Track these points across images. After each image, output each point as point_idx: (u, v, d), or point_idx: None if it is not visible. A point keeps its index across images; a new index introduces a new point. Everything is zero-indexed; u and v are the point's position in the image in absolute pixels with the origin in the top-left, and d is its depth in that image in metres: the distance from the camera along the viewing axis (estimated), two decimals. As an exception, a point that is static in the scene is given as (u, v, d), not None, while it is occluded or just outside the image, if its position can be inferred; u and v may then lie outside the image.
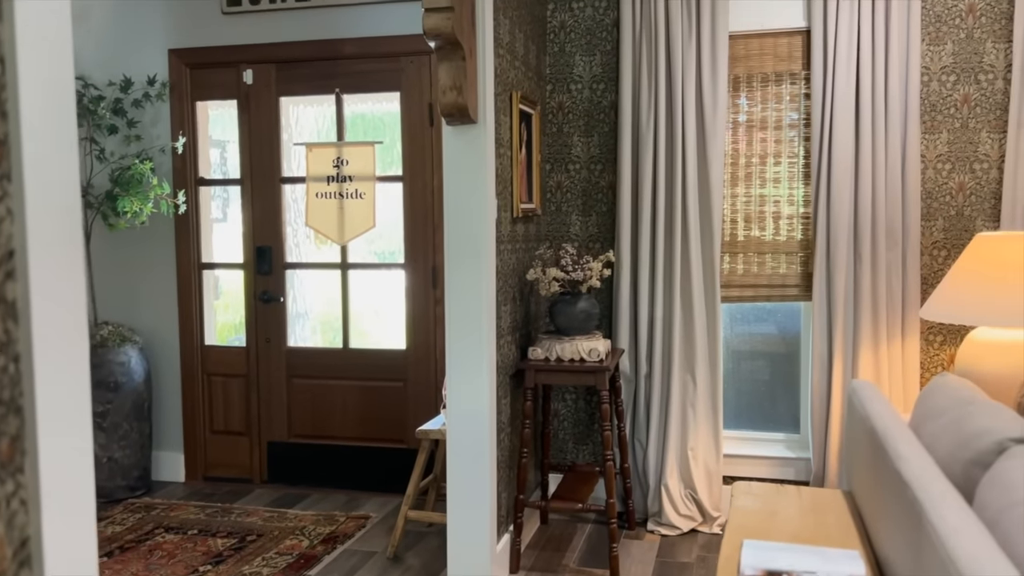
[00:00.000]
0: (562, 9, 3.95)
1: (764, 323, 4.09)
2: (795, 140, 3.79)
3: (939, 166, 3.61)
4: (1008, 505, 1.60)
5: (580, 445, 4.09)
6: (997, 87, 3.53)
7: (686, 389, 3.80)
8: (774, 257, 3.85)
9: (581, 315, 3.48)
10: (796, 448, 3.93)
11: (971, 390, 2.33)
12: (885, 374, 3.59)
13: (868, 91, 3.52)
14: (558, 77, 3.99)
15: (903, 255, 3.57)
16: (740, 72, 3.81)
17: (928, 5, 3.57)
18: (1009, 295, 2.86)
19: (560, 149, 4.02)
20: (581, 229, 4.02)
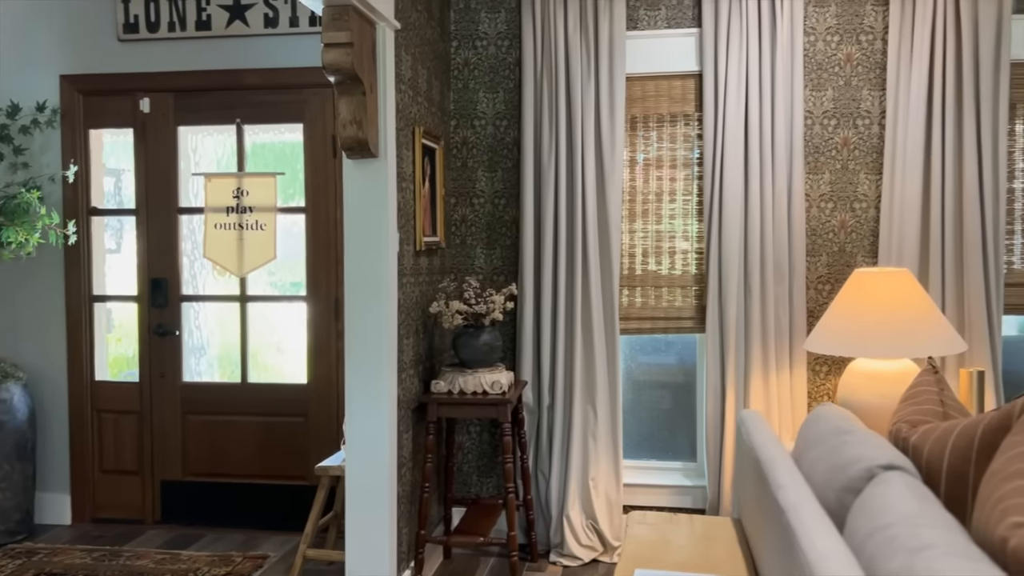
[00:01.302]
0: (466, 47, 4.02)
1: (665, 354, 4.20)
2: (689, 178, 3.94)
3: (822, 205, 3.81)
4: (874, 529, 1.69)
5: (485, 478, 4.10)
6: (873, 132, 3.76)
7: (587, 420, 3.86)
8: (670, 290, 3.97)
9: (484, 348, 3.51)
10: (693, 476, 4.04)
11: (848, 420, 2.45)
12: (775, 403, 3.74)
13: (756, 133, 3.70)
14: (462, 113, 4.04)
15: (790, 289, 3.74)
16: (637, 112, 3.94)
17: (810, 53, 3.79)
18: (884, 328, 3.03)
19: (465, 183, 4.07)
20: (486, 262, 4.06)
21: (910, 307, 3.07)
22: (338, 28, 2.69)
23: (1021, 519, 1.55)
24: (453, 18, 4.02)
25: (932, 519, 1.66)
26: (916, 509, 1.71)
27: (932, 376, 2.60)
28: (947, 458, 2.08)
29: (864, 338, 3.05)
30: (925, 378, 2.61)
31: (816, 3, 3.77)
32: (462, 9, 4.01)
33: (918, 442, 2.21)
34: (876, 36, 3.74)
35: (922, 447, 2.18)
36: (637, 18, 3.90)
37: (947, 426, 2.16)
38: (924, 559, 1.46)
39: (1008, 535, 1.53)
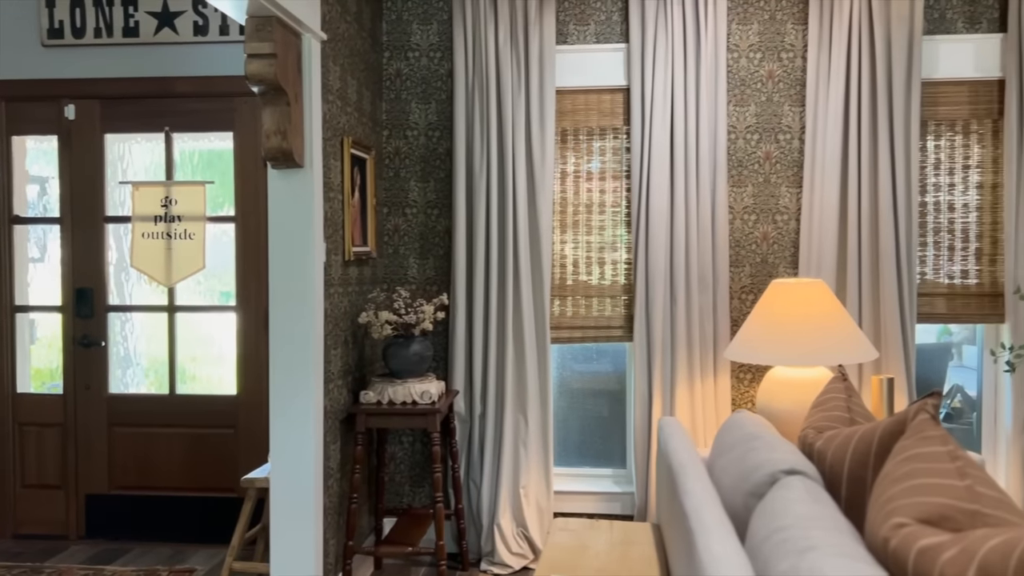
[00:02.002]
0: (398, 58, 4.04)
1: (600, 362, 4.26)
2: (619, 190, 4.01)
3: (745, 217, 3.91)
4: (771, 532, 1.75)
5: (417, 488, 4.10)
6: (794, 146, 3.88)
7: (518, 428, 3.90)
8: (600, 300, 4.04)
9: (414, 358, 3.52)
10: (623, 483, 4.10)
11: (760, 426, 2.53)
12: (699, 410, 3.82)
13: (681, 146, 3.79)
14: (395, 123, 4.06)
15: (714, 299, 3.83)
16: (568, 125, 4.01)
17: (734, 70, 3.89)
18: (799, 337, 3.13)
19: (398, 193, 4.08)
20: (419, 272, 4.08)
21: (824, 316, 3.18)
22: (261, 39, 2.69)
23: (903, 520, 1.62)
24: (385, 29, 4.04)
25: (825, 522, 1.73)
26: (811, 512, 1.78)
27: (841, 383, 2.69)
28: (847, 462, 2.16)
29: (780, 347, 3.14)
30: (834, 385, 2.70)
31: (739, 21, 3.88)
32: (394, 20, 4.03)
33: (822, 447, 2.29)
34: (796, 54, 3.87)
35: (826, 452, 2.26)
36: (567, 33, 3.97)
37: (849, 432, 2.25)
38: (809, 559, 1.52)
39: (890, 535, 1.60)
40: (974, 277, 3.87)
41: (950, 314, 3.88)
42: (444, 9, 4.01)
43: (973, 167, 3.85)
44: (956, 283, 3.87)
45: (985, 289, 3.86)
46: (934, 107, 3.84)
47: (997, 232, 3.85)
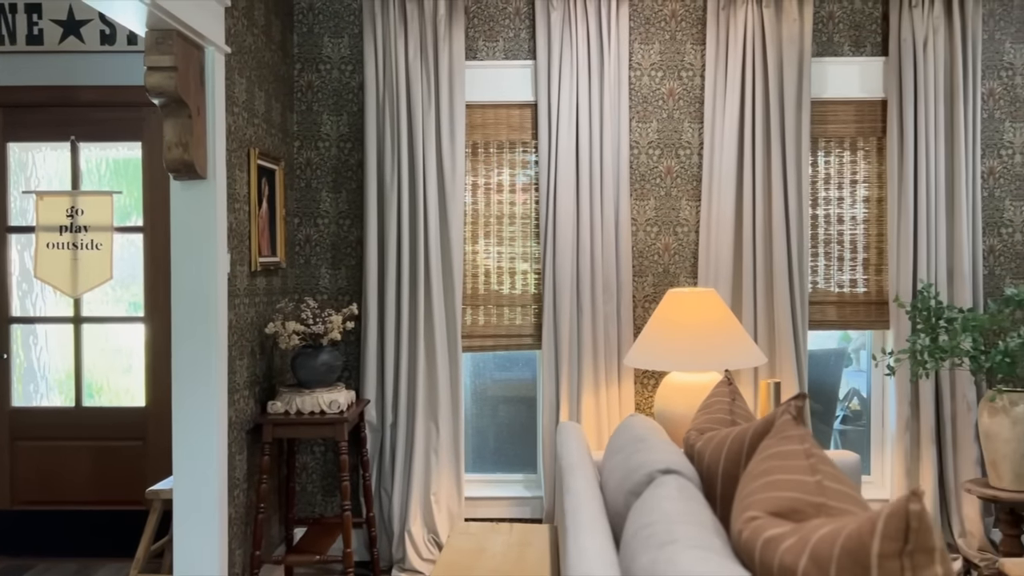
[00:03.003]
0: (309, 70, 4.08)
1: (517, 369, 4.35)
2: (528, 202, 4.12)
3: (648, 229, 4.06)
4: (640, 528, 1.86)
5: (329, 497, 4.12)
6: (693, 161, 4.05)
7: (430, 436, 3.96)
8: (511, 309, 4.13)
9: (323, 367, 3.55)
10: (533, 487, 4.19)
11: (649, 429, 2.65)
12: (604, 415, 3.94)
13: (587, 161, 3.92)
14: (306, 135, 4.09)
15: (618, 307, 3.96)
16: (478, 138, 4.10)
17: (636, 88, 4.05)
18: (691, 343, 3.28)
19: (309, 204, 4.11)
20: (331, 282, 4.11)
21: (715, 324, 3.33)
22: (161, 52, 2.70)
23: (756, 513, 1.75)
24: (296, 41, 4.07)
25: (690, 517, 1.85)
26: (679, 508, 1.89)
27: (726, 387, 2.84)
28: (722, 461, 2.30)
29: (675, 353, 3.28)
30: (720, 389, 2.85)
31: (641, 40, 4.04)
32: (305, 33, 4.07)
33: (702, 448, 2.42)
34: (695, 73, 4.04)
35: (704, 452, 2.39)
36: (476, 48, 4.06)
37: (725, 432, 2.38)
38: (668, 552, 1.63)
39: (743, 528, 1.72)
40: (862, 286, 4.09)
41: (840, 321, 4.10)
42: (355, 23, 4.07)
43: (860, 182, 4.08)
44: (845, 291, 4.09)
45: (872, 297, 4.09)
46: (823, 125, 4.06)
47: (883, 243, 4.08)
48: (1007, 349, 3.33)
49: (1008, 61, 4.02)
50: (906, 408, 3.93)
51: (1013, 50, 4.02)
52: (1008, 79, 4.02)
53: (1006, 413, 3.32)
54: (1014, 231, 4.04)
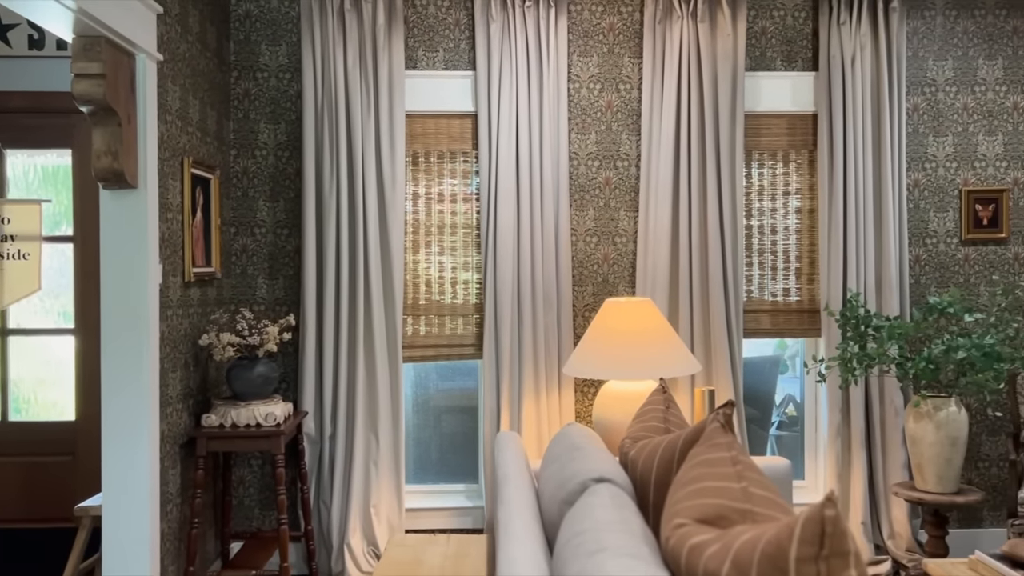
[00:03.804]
0: (246, 77, 4.03)
1: (461, 379, 4.35)
2: (469, 212, 4.13)
3: (588, 239, 4.11)
4: (571, 536, 1.87)
5: (267, 511, 4.06)
6: (631, 173, 4.11)
7: (369, 448, 3.93)
8: (452, 319, 4.13)
9: (259, 379, 3.51)
10: (474, 497, 4.19)
11: (585, 437, 2.67)
12: (545, 424, 3.97)
13: (527, 171, 3.95)
14: (243, 143, 4.04)
15: (558, 317, 4.00)
16: (419, 148, 4.10)
17: (575, 100, 4.09)
18: (628, 352, 3.32)
19: (246, 213, 4.05)
20: (268, 292, 4.06)
21: (651, 332, 3.38)
22: (89, 59, 2.65)
23: (683, 520, 1.78)
24: (232, 49, 4.02)
25: (621, 525, 1.87)
26: (610, 517, 1.92)
27: (661, 396, 2.88)
28: (655, 469, 2.33)
29: (612, 362, 3.32)
30: (655, 397, 2.89)
31: (580, 53, 4.09)
32: (242, 41, 4.02)
33: (635, 456, 2.46)
34: (632, 86, 4.10)
35: (637, 460, 2.43)
36: (416, 58, 4.07)
37: (658, 440, 2.42)
38: (597, 560, 1.65)
39: (671, 535, 1.75)
40: (795, 295, 4.19)
41: (774, 329, 4.19)
42: (293, 31, 4.04)
43: (792, 193, 4.19)
44: (779, 300, 4.19)
45: (804, 306, 4.19)
46: (757, 138, 4.15)
47: (814, 253, 4.19)
48: (930, 356, 3.44)
49: (931, 77, 4.17)
50: (837, 414, 4.04)
51: (935, 67, 4.17)
52: (931, 95, 4.17)
53: (930, 418, 3.43)
54: (938, 241, 4.18)
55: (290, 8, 4.04)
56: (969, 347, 3.34)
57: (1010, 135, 4.18)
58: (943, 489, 3.47)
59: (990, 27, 4.16)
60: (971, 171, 4.18)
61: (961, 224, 4.18)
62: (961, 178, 4.18)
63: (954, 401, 3.45)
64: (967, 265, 4.19)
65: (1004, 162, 4.18)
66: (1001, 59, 4.17)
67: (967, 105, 4.17)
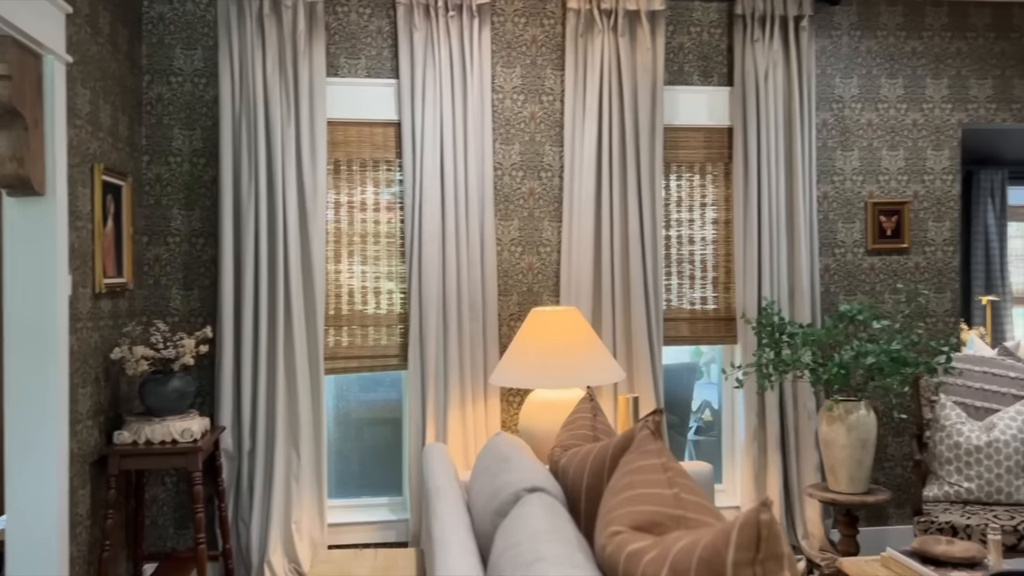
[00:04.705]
0: (159, 81, 3.89)
1: (383, 390, 4.29)
2: (392, 221, 4.09)
3: (512, 248, 4.12)
4: (507, 547, 1.87)
5: (182, 530, 3.91)
6: (555, 183, 4.15)
7: (290, 463, 3.84)
8: (376, 329, 4.08)
9: (174, 394, 3.38)
10: (399, 510, 4.14)
11: (513, 448, 2.67)
12: (471, 435, 3.95)
13: (451, 181, 3.94)
14: (156, 149, 3.90)
15: (484, 326, 3.99)
16: (341, 156, 4.04)
17: (499, 110, 4.11)
18: (554, 361, 3.34)
19: (159, 221, 3.91)
20: (183, 303, 3.92)
21: (576, 341, 3.42)
22: (-8, 58, 2.51)
23: (619, 528, 1.80)
24: (145, 52, 3.89)
25: (555, 535, 1.88)
26: (544, 527, 1.92)
27: (588, 404, 2.91)
28: (586, 478, 2.35)
29: (538, 370, 3.34)
30: (582, 405, 2.92)
31: (503, 64, 4.11)
32: (155, 44, 3.89)
33: (566, 464, 2.47)
34: (555, 97, 4.15)
35: (568, 469, 2.44)
36: (338, 65, 4.01)
37: (588, 448, 2.44)
38: (535, 571, 1.65)
39: (607, 543, 1.77)
40: (712, 303, 4.30)
41: (692, 337, 4.29)
42: (209, 35, 3.93)
43: (709, 205, 4.30)
44: (697, 308, 4.30)
45: (721, 314, 4.31)
46: (675, 150, 4.25)
47: (730, 263, 4.31)
48: (842, 361, 3.59)
49: (838, 94, 4.36)
50: (754, 418, 4.16)
51: (842, 84, 4.36)
52: (839, 111, 4.36)
53: (842, 421, 3.57)
54: (846, 251, 4.37)
55: (206, 12, 3.93)
56: (878, 353, 3.49)
57: (910, 150, 4.40)
58: (855, 489, 3.61)
59: (891, 48, 4.38)
60: (875, 184, 4.38)
61: (867, 235, 4.37)
62: (866, 191, 4.38)
63: (864, 405, 3.60)
64: (872, 274, 4.38)
65: (905, 176, 4.40)
66: (902, 78, 4.39)
67: (871, 121, 4.37)
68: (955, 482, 3.61)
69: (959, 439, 3.62)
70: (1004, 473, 3.54)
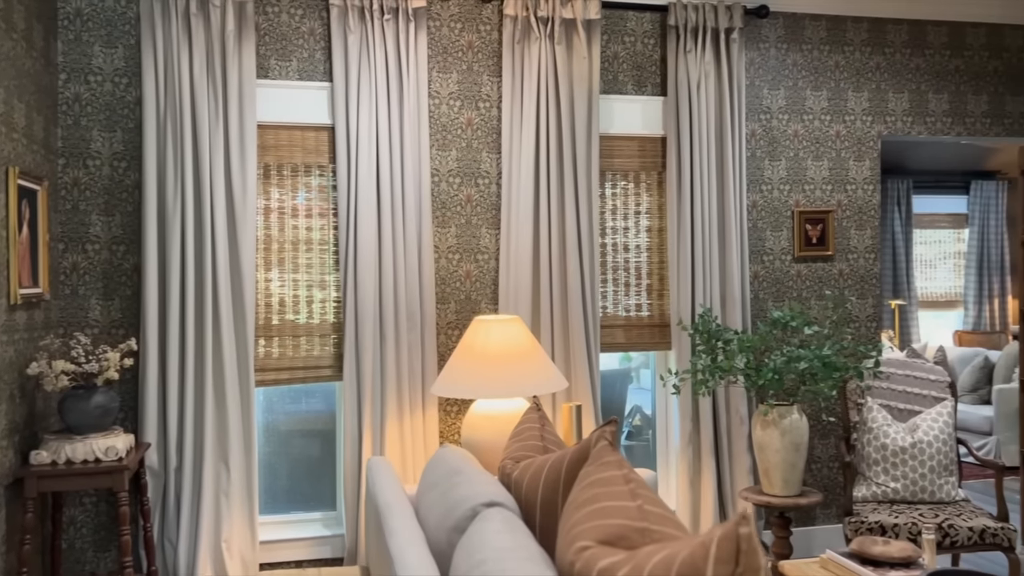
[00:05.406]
0: (76, 81, 3.69)
1: (309, 401, 4.16)
2: (326, 228, 3.98)
3: (450, 256, 4.07)
4: (471, 566, 1.82)
5: (103, 552, 3.71)
6: (492, 190, 4.12)
7: (220, 479, 3.69)
8: (309, 339, 3.96)
9: (97, 411, 3.20)
10: (333, 525, 4.03)
11: (463, 460, 2.62)
12: (409, 446, 3.88)
13: (388, 187, 3.86)
14: (73, 152, 3.69)
15: (422, 335, 3.93)
16: (271, 160, 3.91)
17: (435, 116, 4.05)
18: (497, 370, 3.31)
19: (77, 228, 3.70)
20: (103, 314, 3.72)
21: (520, 350, 3.39)
22: (-101, 52, 2.32)
23: (587, 543, 1.77)
24: (61, 49, 3.68)
25: (520, 552, 1.84)
26: (507, 543, 1.88)
27: (536, 413, 2.88)
28: (540, 490, 2.32)
29: (481, 380, 3.29)
30: (530, 415, 2.89)
31: (439, 69, 4.06)
32: (72, 41, 3.69)
33: (519, 477, 2.44)
34: (492, 104, 4.12)
35: (522, 481, 2.41)
36: (268, 67, 3.88)
37: (542, 460, 2.41)
38: (505, 591, 1.61)
39: (575, 559, 1.74)
40: (646, 310, 4.35)
41: (628, 343, 4.32)
42: (131, 33, 3.74)
43: (643, 212, 4.35)
44: (632, 315, 4.33)
45: (655, 320, 4.36)
46: (611, 159, 4.28)
47: (664, 270, 4.36)
48: (775, 366, 3.67)
49: (766, 105, 4.47)
50: (689, 423, 4.21)
51: (770, 96, 4.47)
52: (767, 121, 4.47)
53: (776, 425, 3.65)
54: (774, 259, 4.48)
55: (127, 8, 3.74)
56: (811, 358, 3.59)
57: (834, 161, 4.55)
58: (788, 492, 3.69)
59: (816, 61, 4.52)
60: (801, 193, 4.51)
61: (794, 242, 4.49)
62: (793, 200, 4.50)
63: (796, 409, 3.68)
64: (799, 280, 4.50)
65: (829, 185, 4.55)
66: (826, 91, 4.53)
67: (797, 132, 4.50)
68: (882, 482, 3.74)
69: (886, 440, 3.75)
70: (928, 472, 3.68)
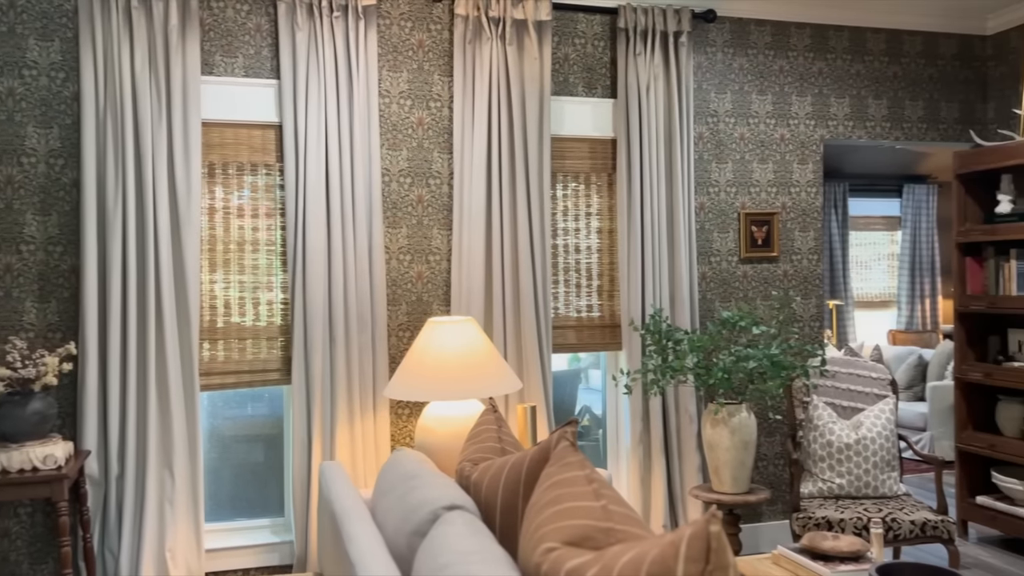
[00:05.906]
0: (9, 75, 3.54)
1: (253, 405, 4.07)
2: (273, 228, 3.90)
3: (401, 257, 4.03)
4: (435, 570, 1.80)
5: (39, 565, 3.56)
6: (444, 191, 4.09)
7: (163, 486, 3.58)
8: (255, 343, 3.87)
9: (34, 417, 3.08)
10: (281, 532, 3.95)
11: (419, 463, 2.59)
12: (360, 450, 3.82)
13: (337, 187, 3.80)
14: (6, 149, 3.54)
15: (373, 337, 3.87)
16: (216, 159, 3.81)
17: (386, 115, 4.01)
18: (451, 372, 3.28)
19: (11, 228, 3.56)
20: (38, 318, 3.58)
21: (474, 352, 3.37)
22: None
23: (553, 544, 1.76)
24: (-6, 40, 3.53)
25: (484, 555, 1.82)
26: (470, 546, 1.86)
27: (492, 415, 2.87)
28: (500, 493, 2.30)
29: (435, 382, 3.26)
30: (486, 417, 2.87)
31: (389, 68, 4.01)
32: (5, 33, 3.54)
33: (478, 479, 2.42)
34: (443, 104, 4.09)
35: (481, 483, 2.39)
36: (213, 63, 3.79)
37: (501, 462, 2.39)
38: (473, 595, 1.59)
39: (541, 560, 1.73)
40: (597, 311, 4.37)
41: (579, 344, 4.34)
42: (68, 26, 3.61)
43: (594, 214, 4.37)
44: (583, 316, 4.34)
45: (606, 321, 4.38)
46: (562, 160, 4.29)
47: (614, 271, 4.39)
48: (725, 366, 3.72)
49: (713, 109, 4.53)
50: (639, 423, 4.25)
51: (717, 99, 4.54)
52: (714, 124, 4.53)
53: (726, 424, 3.70)
54: (720, 260, 4.54)
55: (64, 1, 3.61)
56: (760, 357, 3.65)
57: (779, 163, 4.64)
58: (738, 489, 3.75)
59: (761, 66, 4.61)
60: (747, 196, 4.59)
61: (740, 244, 4.57)
62: (739, 202, 4.58)
63: (745, 407, 3.74)
64: (745, 281, 4.58)
65: (774, 188, 4.63)
66: (771, 95, 4.62)
67: (743, 135, 4.58)
68: (828, 478, 3.82)
69: (831, 437, 3.84)
70: (871, 468, 3.78)
